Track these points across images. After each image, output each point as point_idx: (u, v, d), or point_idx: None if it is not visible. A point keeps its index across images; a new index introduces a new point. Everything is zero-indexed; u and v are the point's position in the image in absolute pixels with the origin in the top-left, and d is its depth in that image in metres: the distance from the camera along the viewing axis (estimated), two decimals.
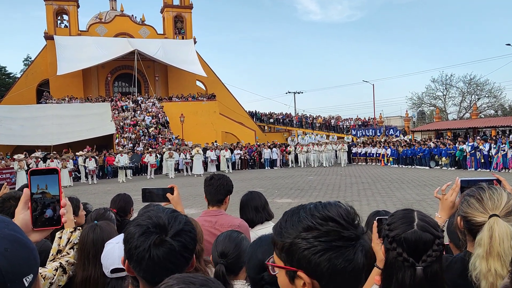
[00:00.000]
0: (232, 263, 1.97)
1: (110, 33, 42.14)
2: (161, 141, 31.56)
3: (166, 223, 1.32)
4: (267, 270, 1.60)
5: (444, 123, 36.22)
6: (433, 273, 1.33)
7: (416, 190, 14.55)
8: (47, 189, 1.36)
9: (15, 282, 0.83)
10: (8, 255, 0.83)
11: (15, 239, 0.88)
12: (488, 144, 21.88)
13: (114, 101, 37.40)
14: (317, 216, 1.02)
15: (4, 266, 0.81)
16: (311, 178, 20.80)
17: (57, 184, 1.37)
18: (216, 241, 2.11)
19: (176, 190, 2.40)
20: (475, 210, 1.57)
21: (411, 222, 1.40)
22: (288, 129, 45.24)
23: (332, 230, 1.00)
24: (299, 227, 1.03)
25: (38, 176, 1.36)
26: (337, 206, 1.06)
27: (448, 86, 49.13)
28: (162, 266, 1.28)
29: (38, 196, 1.35)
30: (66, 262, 2.00)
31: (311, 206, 1.07)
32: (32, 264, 0.89)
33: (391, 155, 27.66)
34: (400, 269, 1.33)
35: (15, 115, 32.31)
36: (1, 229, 0.88)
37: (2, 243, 0.85)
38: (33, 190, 1.34)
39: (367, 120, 41.64)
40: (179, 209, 2.38)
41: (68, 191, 16.60)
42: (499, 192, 1.56)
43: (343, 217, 1.02)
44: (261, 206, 3.34)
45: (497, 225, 1.43)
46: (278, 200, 13.36)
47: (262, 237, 1.78)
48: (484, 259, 1.41)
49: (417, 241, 1.35)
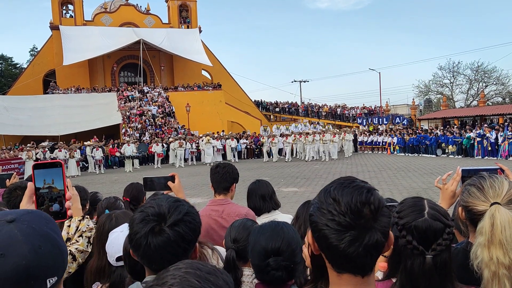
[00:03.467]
0: (243, 250, 2.00)
1: (115, 22, 42.01)
2: (167, 131, 31.63)
3: (166, 212, 1.34)
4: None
5: (451, 111, 35.92)
6: (443, 261, 1.33)
7: (422, 179, 14.51)
8: (53, 184, 1.36)
9: (38, 280, 0.83)
10: (40, 252, 0.83)
11: (50, 238, 0.88)
12: (495, 131, 21.73)
13: (120, 91, 37.45)
14: (332, 193, 1.04)
15: (33, 263, 0.81)
16: (317, 166, 20.80)
17: (62, 178, 1.37)
18: (230, 227, 2.14)
19: (177, 178, 2.39)
20: (476, 199, 1.55)
21: (422, 211, 1.40)
22: (294, 118, 45.09)
23: (330, 211, 1.02)
24: (321, 194, 1.07)
25: (42, 170, 1.36)
26: (357, 192, 1.02)
27: (456, 74, 48.56)
28: (158, 254, 1.29)
29: (45, 191, 1.35)
30: (75, 250, 2.04)
31: (340, 182, 1.08)
32: (59, 267, 0.89)
33: (397, 144, 27.57)
34: (409, 257, 1.33)
35: (22, 106, 32.46)
36: (41, 226, 0.89)
37: (37, 240, 0.85)
38: (40, 184, 1.34)
39: (373, 108, 41.38)
40: (180, 197, 2.42)
41: (76, 181, 16.73)
42: (500, 181, 1.54)
43: (349, 204, 1.00)
44: (268, 195, 3.36)
45: (499, 213, 1.41)
46: (284, 189, 13.39)
47: (263, 225, 1.80)
48: (485, 247, 1.38)
49: (428, 230, 1.35)
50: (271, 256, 1.64)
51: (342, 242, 0.99)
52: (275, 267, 1.62)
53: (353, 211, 1.00)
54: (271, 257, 1.64)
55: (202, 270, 0.92)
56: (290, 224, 1.83)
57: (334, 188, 1.05)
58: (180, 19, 44.26)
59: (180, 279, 0.89)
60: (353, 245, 0.99)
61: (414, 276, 1.33)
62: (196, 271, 0.91)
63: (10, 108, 31.63)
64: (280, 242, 1.66)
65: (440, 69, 49.63)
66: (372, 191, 1.04)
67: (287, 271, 1.63)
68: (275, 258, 1.63)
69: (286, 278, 1.64)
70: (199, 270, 0.91)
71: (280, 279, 1.63)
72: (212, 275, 0.91)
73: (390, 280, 1.50)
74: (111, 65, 41.81)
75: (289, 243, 1.67)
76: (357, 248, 0.99)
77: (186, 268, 0.92)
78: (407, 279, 1.34)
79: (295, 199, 11.14)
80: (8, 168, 20.69)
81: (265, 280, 1.67)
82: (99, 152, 24.47)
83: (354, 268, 1.03)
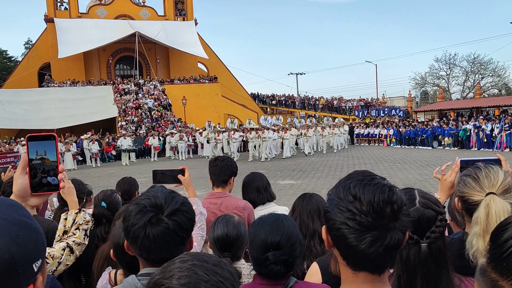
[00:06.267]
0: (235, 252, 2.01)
1: (110, 15, 41.74)
2: (164, 124, 31.56)
3: (163, 202, 1.35)
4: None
5: (448, 103, 36.00)
6: (437, 249, 1.34)
7: (419, 171, 14.56)
8: (45, 155, 1.35)
9: (25, 268, 0.83)
10: (19, 241, 0.83)
11: (25, 224, 0.87)
12: (490, 123, 21.82)
13: (116, 84, 37.29)
14: (352, 191, 1.00)
15: (17, 253, 0.81)
16: (314, 159, 20.83)
17: (55, 150, 1.37)
18: (212, 233, 2.13)
19: (187, 171, 2.40)
20: (471, 189, 1.57)
21: (413, 200, 1.41)
22: (290, 111, 45.09)
23: (350, 210, 0.98)
24: (338, 189, 1.04)
25: (36, 142, 1.36)
26: (379, 190, 0.99)
27: (452, 66, 48.65)
28: (157, 244, 1.30)
29: (37, 162, 1.35)
30: (73, 242, 2.04)
31: (359, 178, 1.03)
32: (41, 249, 0.89)
33: (393, 136, 27.63)
34: (405, 247, 1.32)
35: (18, 99, 32.32)
36: (11, 214, 0.87)
37: (13, 230, 0.84)
38: (32, 156, 1.34)
39: (370, 100, 41.41)
40: (190, 190, 2.41)
41: (72, 174, 16.69)
42: (496, 171, 1.55)
43: (371, 203, 0.97)
44: (262, 187, 3.36)
45: (494, 203, 1.42)
46: (281, 182, 13.41)
47: (262, 218, 1.79)
48: (481, 237, 1.39)
49: (420, 218, 1.36)
50: (270, 250, 1.64)
51: (363, 242, 0.96)
52: (274, 261, 1.61)
53: (376, 211, 0.96)
54: (270, 251, 1.63)
55: (208, 262, 0.92)
56: (290, 218, 1.82)
57: (355, 185, 1.01)
58: (176, 11, 44.02)
59: (188, 272, 0.89)
60: (374, 245, 0.96)
61: (410, 265, 1.34)
62: (203, 263, 0.91)
63: (5, 101, 31.44)
64: (280, 236, 1.65)
65: (437, 61, 49.81)
66: (394, 189, 1.01)
67: (285, 265, 1.63)
68: (274, 252, 1.63)
69: (284, 272, 1.64)
70: (206, 263, 0.91)
71: (279, 273, 1.63)
72: (218, 267, 0.91)
73: (388, 271, 1.51)
74: (107, 58, 41.60)
75: (289, 237, 1.66)
76: (377, 248, 0.96)
77: (192, 260, 0.92)
78: (404, 269, 1.35)
79: (292, 192, 11.15)
80: (4, 162, 20.60)
81: (263, 273, 1.66)
82: (95, 145, 24.42)
83: (373, 267, 1.01)
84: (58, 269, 1.97)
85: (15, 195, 1.33)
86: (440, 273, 1.34)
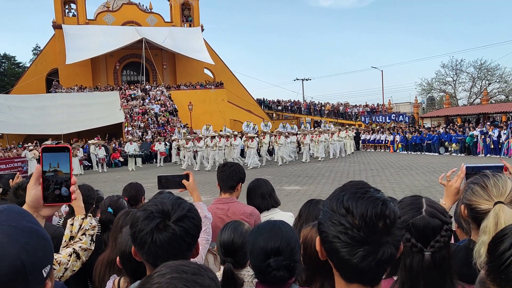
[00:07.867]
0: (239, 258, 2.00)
1: (117, 21, 42.06)
2: (170, 129, 31.66)
3: (170, 209, 1.37)
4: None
5: (454, 109, 35.82)
6: (441, 258, 1.33)
7: (425, 177, 14.48)
8: (59, 167, 1.37)
9: (35, 274, 0.85)
10: (29, 248, 0.85)
11: (33, 231, 0.90)
12: (498, 130, 21.68)
13: (122, 89, 37.51)
14: (345, 204, 1.00)
15: (26, 260, 0.83)
16: (320, 165, 20.78)
17: (68, 162, 1.39)
18: (220, 238, 2.11)
19: (191, 176, 2.41)
20: (479, 197, 1.55)
21: (419, 208, 1.41)
22: (296, 116, 45.07)
23: (342, 224, 0.98)
24: (332, 202, 1.04)
25: (50, 153, 1.38)
26: (372, 204, 0.98)
27: (458, 72, 48.32)
28: (164, 250, 1.32)
29: (51, 174, 1.37)
30: (79, 248, 2.05)
31: (352, 191, 1.03)
32: (49, 255, 0.91)
33: (400, 142, 27.53)
34: (408, 255, 1.33)
35: (25, 105, 32.55)
36: (20, 221, 0.89)
37: (22, 237, 0.86)
38: (46, 168, 1.36)
39: (376, 106, 41.30)
40: (195, 195, 2.42)
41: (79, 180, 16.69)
42: (504, 179, 1.54)
43: (364, 217, 0.97)
44: (267, 193, 3.36)
45: (503, 212, 1.41)
46: (287, 188, 13.38)
47: (259, 225, 1.78)
48: None
49: (426, 227, 1.36)
50: (271, 256, 1.63)
51: (355, 257, 0.97)
52: (276, 267, 1.61)
53: (368, 225, 0.97)
54: (271, 258, 1.63)
55: (187, 272, 0.89)
56: (286, 222, 1.81)
57: (348, 198, 1.01)
58: (183, 17, 44.29)
59: (167, 286, 0.86)
60: (366, 259, 0.97)
61: (413, 273, 1.33)
62: (181, 274, 0.88)
63: (13, 107, 31.73)
64: (279, 241, 1.65)
65: (443, 67, 49.57)
66: (387, 202, 1.01)
67: (288, 270, 1.62)
68: (276, 258, 1.62)
69: (287, 277, 1.64)
70: (185, 273, 0.89)
71: (282, 279, 1.63)
72: (198, 276, 0.89)
73: (391, 278, 1.51)
74: (114, 63, 41.88)
75: (288, 241, 1.66)
76: (369, 262, 0.97)
77: (171, 273, 0.89)
78: (407, 276, 1.35)
79: (298, 198, 11.13)
80: (12, 166, 20.75)
81: (266, 281, 1.65)
82: (102, 150, 24.54)
83: (365, 280, 1.02)
84: (65, 275, 1.98)
85: (28, 205, 1.35)
86: (444, 282, 1.34)
